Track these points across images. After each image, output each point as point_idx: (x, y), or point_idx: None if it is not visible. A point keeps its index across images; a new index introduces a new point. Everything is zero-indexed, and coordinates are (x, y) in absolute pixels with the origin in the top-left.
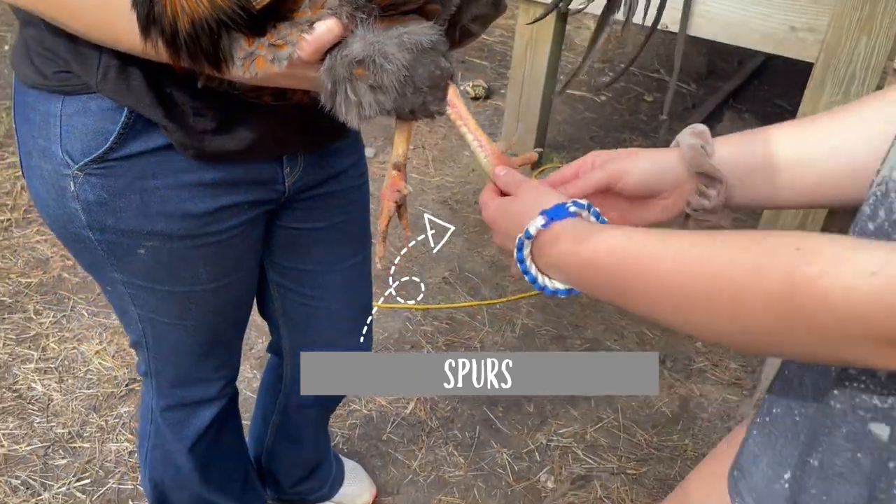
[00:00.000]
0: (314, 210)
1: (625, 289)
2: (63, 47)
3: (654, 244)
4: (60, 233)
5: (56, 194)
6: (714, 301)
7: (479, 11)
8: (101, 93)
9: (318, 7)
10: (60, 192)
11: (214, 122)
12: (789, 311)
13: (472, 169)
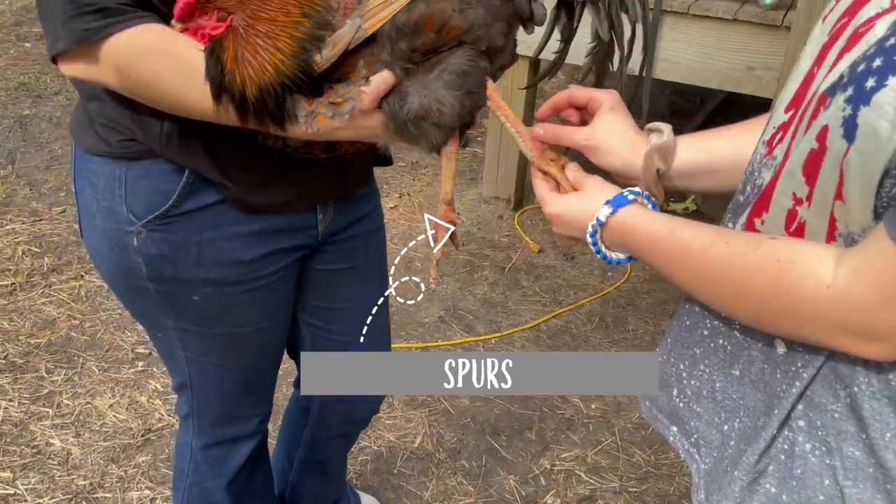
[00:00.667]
0: (341, 252)
1: (667, 267)
2: (127, 118)
3: (689, 239)
4: (119, 286)
5: (119, 250)
6: (722, 288)
7: (504, 62)
8: (163, 157)
9: (372, 65)
10: (124, 248)
11: (262, 178)
12: (773, 307)
13: (457, 212)
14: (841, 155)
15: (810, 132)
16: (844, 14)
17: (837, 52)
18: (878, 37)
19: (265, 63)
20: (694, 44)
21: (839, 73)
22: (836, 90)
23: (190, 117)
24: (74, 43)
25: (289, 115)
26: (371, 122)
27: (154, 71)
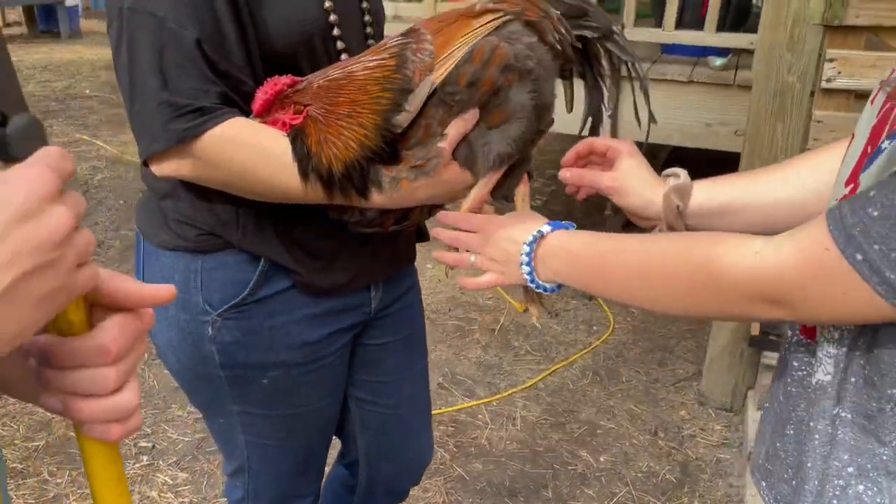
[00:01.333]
0: (388, 326)
1: (601, 273)
2: (203, 213)
3: (619, 240)
4: (187, 375)
5: (193, 340)
6: (655, 276)
7: (544, 126)
8: (239, 247)
9: (445, 123)
10: (198, 338)
11: (326, 261)
12: (706, 279)
13: (438, 280)
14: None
15: None
16: (893, 94)
17: (888, 131)
18: None
19: (349, 141)
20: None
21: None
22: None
23: (278, 201)
24: (174, 143)
25: (374, 182)
26: (450, 174)
27: (245, 160)
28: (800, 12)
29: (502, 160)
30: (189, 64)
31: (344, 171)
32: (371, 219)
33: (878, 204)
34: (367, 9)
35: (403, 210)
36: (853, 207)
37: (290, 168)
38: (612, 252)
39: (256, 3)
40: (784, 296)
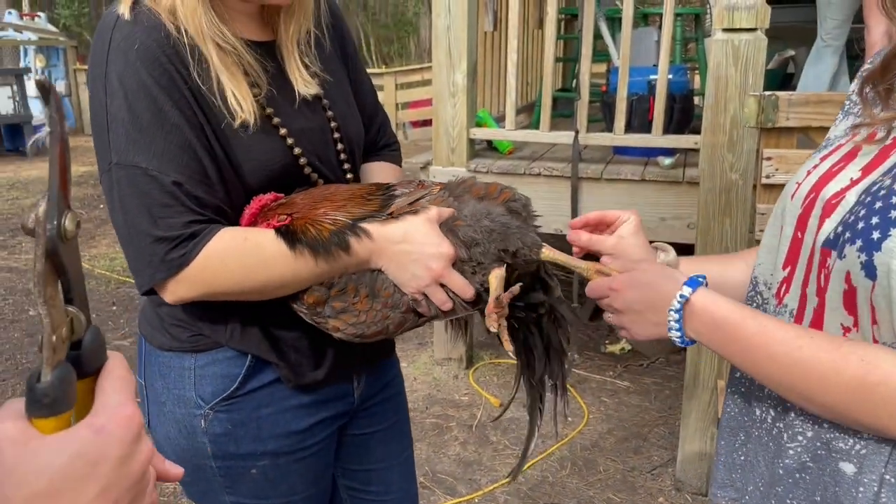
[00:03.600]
0: (374, 416)
1: (744, 351)
2: (196, 317)
3: (772, 328)
4: (183, 467)
5: (187, 433)
6: (807, 379)
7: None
8: (230, 346)
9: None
10: (191, 430)
11: (308, 357)
12: (858, 401)
13: (414, 378)
14: (868, 291)
15: (834, 278)
16: (810, 192)
17: (817, 219)
18: (851, 203)
19: (336, 217)
20: (610, 203)
21: (828, 233)
22: (838, 244)
23: (276, 293)
24: (175, 271)
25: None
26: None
27: (239, 261)
28: (736, 117)
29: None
30: (174, 202)
31: (332, 235)
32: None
33: None
34: (340, 138)
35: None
36: None
37: (280, 260)
38: (760, 335)
39: (229, 148)
40: None
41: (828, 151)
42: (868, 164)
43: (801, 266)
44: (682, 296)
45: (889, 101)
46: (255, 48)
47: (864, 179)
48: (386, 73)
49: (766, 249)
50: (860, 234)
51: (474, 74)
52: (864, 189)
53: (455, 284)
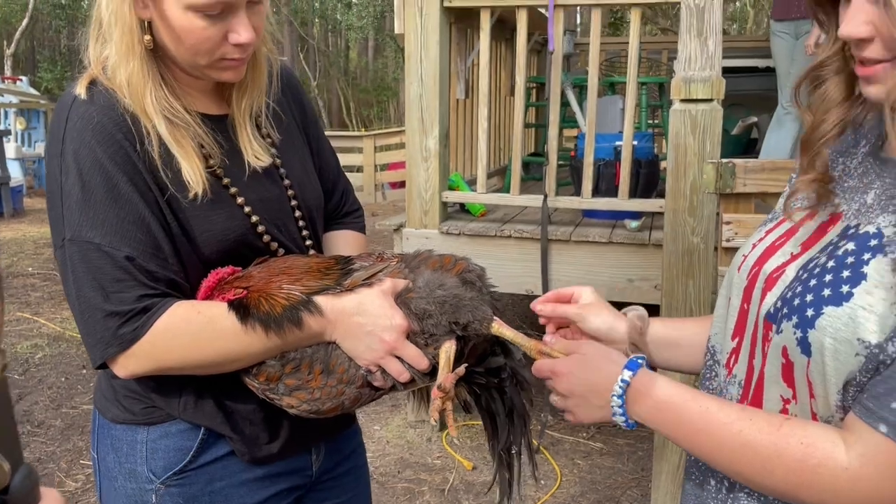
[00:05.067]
0: (332, 489)
1: (686, 434)
2: (149, 389)
3: (714, 409)
4: None
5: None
6: (750, 462)
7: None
8: (183, 418)
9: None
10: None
11: (262, 429)
12: (799, 483)
13: (387, 441)
14: (805, 367)
15: (772, 352)
16: (754, 265)
17: (760, 291)
18: (790, 278)
19: (291, 291)
20: (579, 264)
21: (769, 306)
22: (777, 319)
23: (228, 367)
24: (126, 346)
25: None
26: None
27: (192, 334)
28: (696, 182)
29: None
30: (126, 277)
31: (284, 310)
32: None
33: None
34: (298, 206)
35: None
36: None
37: (232, 327)
38: (701, 419)
39: (185, 220)
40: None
41: (773, 224)
42: (807, 240)
43: (747, 337)
44: (623, 380)
45: (813, 169)
46: (209, 122)
47: (802, 255)
48: (365, 135)
49: (718, 318)
50: (796, 310)
51: (446, 140)
52: (802, 265)
53: (409, 356)
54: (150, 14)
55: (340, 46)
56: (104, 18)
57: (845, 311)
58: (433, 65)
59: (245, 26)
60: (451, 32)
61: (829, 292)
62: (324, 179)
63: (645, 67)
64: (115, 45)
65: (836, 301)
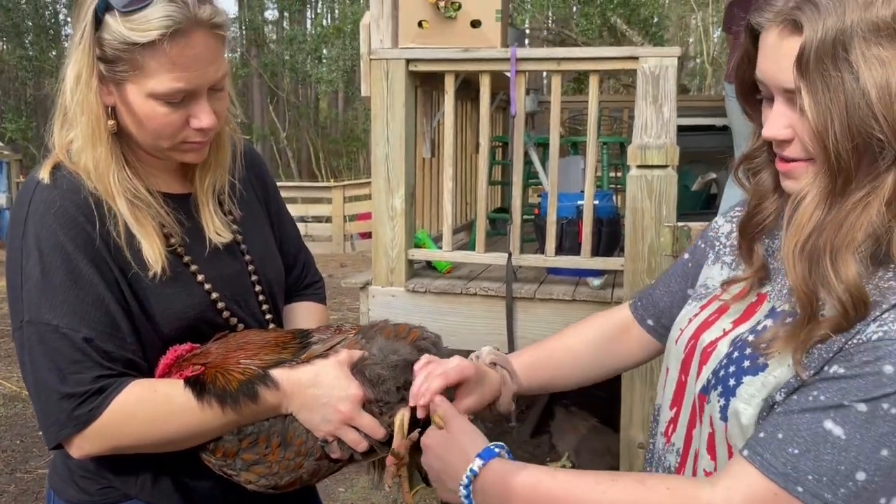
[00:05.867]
0: None
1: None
2: (105, 469)
3: (574, 482)
4: None
5: None
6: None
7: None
8: (139, 498)
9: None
10: None
11: None
12: None
13: (352, 503)
14: (723, 431)
15: (703, 423)
16: (691, 339)
17: (697, 365)
18: (722, 353)
19: (248, 366)
20: (544, 322)
21: (705, 379)
22: (708, 390)
23: (181, 447)
24: (81, 427)
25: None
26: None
27: (147, 414)
28: (654, 245)
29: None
30: (84, 358)
31: (239, 386)
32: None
33: (794, 443)
34: (258, 281)
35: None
36: (773, 452)
37: (188, 404)
38: (562, 493)
39: (144, 299)
40: None
41: (706, 301)
42: (738, 318)
43: (685, 408)
44: (472, 470)
45: (751, 259)
46: (171, 201)
47: (733, 331)
48: (334, 186)
49: (660, 387)
50: (721, 381)
51: (412, 199)
52: (732, 340)
53: (365, 425)
54: (114, 100)
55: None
56: (69, 106)
57: (759, 378)
58: (399, 126)
59: (206, 112)
60: (417, 94)
61: (748, 364)
62: (285, 253)
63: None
64: (80, 130)
65: (753, 371)
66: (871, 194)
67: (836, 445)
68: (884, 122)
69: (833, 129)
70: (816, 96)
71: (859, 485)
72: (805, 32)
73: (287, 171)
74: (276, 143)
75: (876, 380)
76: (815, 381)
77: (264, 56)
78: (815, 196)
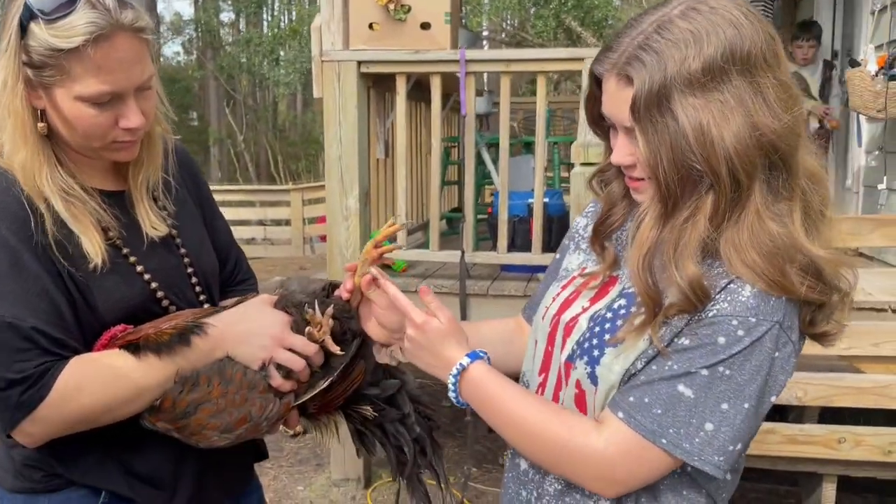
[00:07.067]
0: None
1: (492, 413)
2: (49, 456)
3: (511, 394)
4: None
5: None
6: (526, 437)
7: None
8: (83, 483)
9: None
10: None
11: (164, 491)
12: (561, 455)
13: (310, 501)
14: (593, 394)
15: (569, 385)
16: (555, 315)
17: (562, 337)
18: (584, 328)
19: (177, 324)
20: (496, 316)
21: (570, 349)
22: (574, 359)
23: (132, 410)
24: (32, 409)
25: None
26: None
27: (97, 390)
28: None
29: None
30: (32, 346)
31: (170, 337)
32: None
33: (657, 405)
34: (194, 272)
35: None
36: (643, 412)
37: (129, 364)
38: (498, 401)
39: (87, 291)
40: (615, 476)
41: (566, 282)
42: (594, 297)
43: (552, 373)
44: (461, 364)
45: (603, 255)
46: (106, 197)
47: (590, 308)
48: (293, 189)
49: (529, 359)
50: (586, 352)
51: (366, 199)
52: (591, 316)
53: (296, 344)
54: (43, 104)
55: (268, 101)
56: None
57: (618, 350)
58: (352, 127)
59: (134, 112)
60: (370, 96)
61: (608, 337)
62: (217, 249)
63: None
64: (8, 134)
65: (613, 345)
66: (695, 213)
67: (687, 404)
68: (700, 156)
69: (662, 163)
70: (647, 136)
71: (709, 434)
72: (635, 84)
73: (245, 174)
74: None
75: (713, 348)
76: (669, 353)
77: (220, 58)
78: (652, 218)
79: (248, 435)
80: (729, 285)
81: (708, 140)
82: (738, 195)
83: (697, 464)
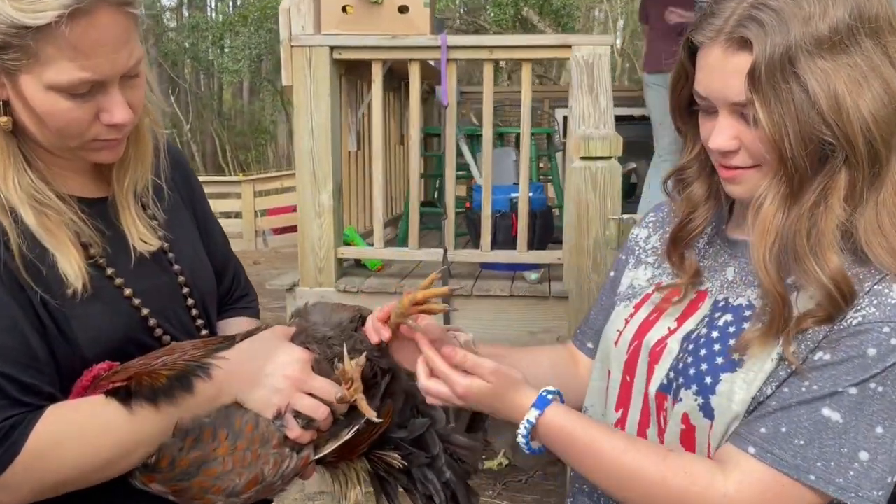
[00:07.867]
0: None
1: (580, 461)
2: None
3: (604, 438)
4: None
5: None
6: (637, 487)
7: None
8: None
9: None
10: None
11: None
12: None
13: None
14: (707, 429)
15: (672, 420)
16: (633, 339)
17: (646, 365)
18: (675, 352)
19: (175, 363)
20: (482, 319)
21: (661, 379)
22: (672, 390)
23: (122, 468)
24: (3, 469)
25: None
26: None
27: (76, 446)
28: (599, 238)
29: None
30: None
31: (168, 380)
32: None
33: (798, 435)
34: (190, 293)
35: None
36: (781, 445)
37: (117, 414)
38: (591, 446)
39: (63, 320)
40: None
41: (639, 300)
42: (681, 315)
43: (634, 408)
44: (528, 422)
45: (683, 266)
46: (86, 206)
47: (680, 328)
48: (244, 180)
49: (595, 392)
50: (693, 379)
51: (340, 194)
52: (684, 337)
53: (318, 388)
54: (6, 94)
55: (214, 88)
56: None
57: (738, 375)
58: (324, 117)
59: (119, 104)
60: (342, 84)
61: (721, 360)
62: (213, 262)
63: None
64: None
65: (730, 368)
66: (827, 195)
67: (836, 430)
68: (835, 126)
69: (788, 137)
70: (770, 108)
71: (865, 464)
72: (755, 49)
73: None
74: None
75: (861, 363)
76: (805, 371)
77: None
78: (774, 200)
79: (259, 496)
80: (874, 287)
81: (844, 109)
82: (878, 171)
83: (853, 501)
